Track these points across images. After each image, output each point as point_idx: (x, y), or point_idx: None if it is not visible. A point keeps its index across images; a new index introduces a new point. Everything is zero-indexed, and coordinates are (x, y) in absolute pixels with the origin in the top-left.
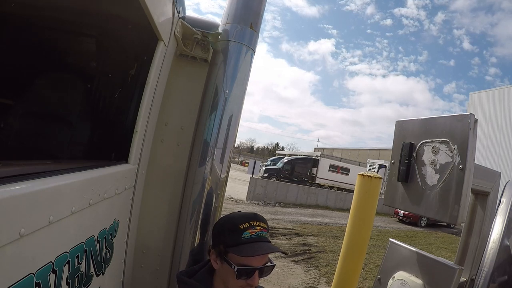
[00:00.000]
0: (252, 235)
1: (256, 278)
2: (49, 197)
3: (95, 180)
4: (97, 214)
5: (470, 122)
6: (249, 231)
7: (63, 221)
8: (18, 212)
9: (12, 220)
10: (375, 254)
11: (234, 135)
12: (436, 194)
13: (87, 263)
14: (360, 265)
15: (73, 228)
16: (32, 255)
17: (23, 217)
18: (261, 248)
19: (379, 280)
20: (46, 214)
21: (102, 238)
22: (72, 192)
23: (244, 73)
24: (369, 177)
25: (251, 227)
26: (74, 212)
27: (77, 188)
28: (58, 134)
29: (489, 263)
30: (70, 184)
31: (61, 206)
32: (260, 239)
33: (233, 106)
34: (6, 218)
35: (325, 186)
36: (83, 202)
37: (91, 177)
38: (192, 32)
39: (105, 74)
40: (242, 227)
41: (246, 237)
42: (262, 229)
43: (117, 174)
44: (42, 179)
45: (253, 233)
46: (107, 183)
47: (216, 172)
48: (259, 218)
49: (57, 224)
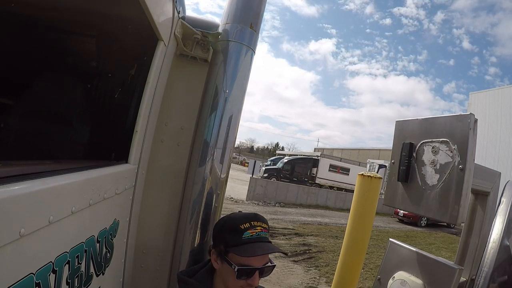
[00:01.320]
0: (252, 235)
1: (257, 278)
2: (49, 197)
3: (95, 180)
4: (97, 214)
5: (470, 122)
6: (249, 231)
7: (63, 221)
8: (18, 212)
9: (12, 220)
10: (375, 254)
11: (234, 135)
12: (436, 194)
13: (87, 263)
14: (360, 265)
15: (73, 228)
16: (32, 255)
17: (23, 217)
18: (261, 248)
19: (379, 280)
20: (46, 214)
21: (102, 238)
22: (72, 192)
23: (244, 73)
24: (369, 177)
25: (252, 227)
26: (74, 212)
27: (77, 188)
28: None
29: (489, 263)
30: (70, 184)
31: (61, 206)
32: (260, 239)
33: (233, 106)
34: (6, 218)
35: (325, 186)
36: (83, 202)
37: (91, 177)
38: (192, 32)
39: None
40: (242, 227)
41: (246, 237)
42: (263, 229)
43: (117, 174)
44: (42, 179)
45: (254, 233)
46: (107, 183)
47: (216, 172)
48: (259, 218)
49: (57, 224)
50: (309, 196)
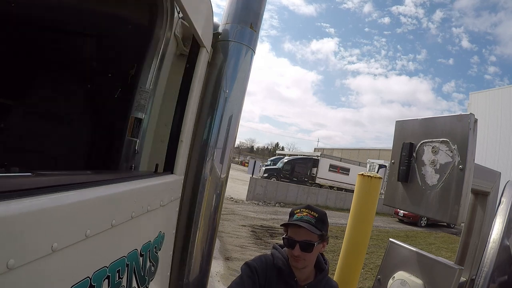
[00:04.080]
0: (298, 217)
1: (297, 249)
2: (86, 209)
3: (138, 192)
4: (140, 227)
5: (470, 122)
6: (297, 214)
7: (102, 235)
8: (50, 225)
9: (43, 234)
10: (375, 254)
11: (234, 135)
12: (436, 194)
13: (129, 277)
14: (360, 265)
15: (113, 242)
16: (67, 270)
17: (56, 230)
18: (295, 221)
19: (379, 280)
20: (83, 227)
21: (146, 251)
22: (111, 205)
23: (244, 73)
24: (369, 177)
25: (300, 212)
26: (114, 225)
27: (118, 200)
28: (100, 143)
29: (489, 263)
30: (109, 196)
31: (99, 219)
32: (302, 220)
33: (233, 106)
34: (36, 231)
35: (325, 186)
36: (125, 215)
37: (133, 189)
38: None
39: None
40: (295, 212)
41: (294, 218)
42: (309, 215)
43: (162, 185)
44: (79, 191)
45: (300, 215)
46: (152, 195)
47: (216, 172)
48: (309, 207)
49: (94, 238)
50: (309, 196)
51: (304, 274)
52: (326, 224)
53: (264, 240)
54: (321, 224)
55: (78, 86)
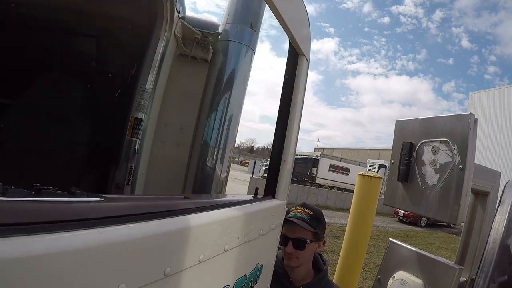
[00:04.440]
0: (292, 214)
1: (290, 247)
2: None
3: (234, 221)
4: (234, 260)
5: (470, 122)
6: (292, 211)
7: (186, 272)
8: (165, 250)
9: (159, 258)
10: (375, 254)
11: (234, 135)
12: (436, 194)
13: None
14: (360, 265)
15: (201, 277)
16: None
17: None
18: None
19: (379, 280)
20: (163, 265)
21: (239, 286)
22: (198, 237)
23: (244, 73)
24: (369, 177)
25: (295, 209)
26: (202, 261)
27: (206, 232)
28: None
29: (489, 263)
30: (196, 227)
31: (183, 254)
32: (296, 217)
33: (233, 106)
34: (151, 255)
35: (325, 186)
36: (216, 248)
37: (229, 217)
38: (192, 32)
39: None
40: (291, 210)
41: (289, 215)
42: (303, 212)
43: (262, 212)
44: (170, 219)
45: (294, 213)
46: (249, 223)
47: (216, 172)
48: (305, 205)
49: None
50: (309, 196)
51: (299, 274)
52: (321, 223)
53: None
54: (315, 222)
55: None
